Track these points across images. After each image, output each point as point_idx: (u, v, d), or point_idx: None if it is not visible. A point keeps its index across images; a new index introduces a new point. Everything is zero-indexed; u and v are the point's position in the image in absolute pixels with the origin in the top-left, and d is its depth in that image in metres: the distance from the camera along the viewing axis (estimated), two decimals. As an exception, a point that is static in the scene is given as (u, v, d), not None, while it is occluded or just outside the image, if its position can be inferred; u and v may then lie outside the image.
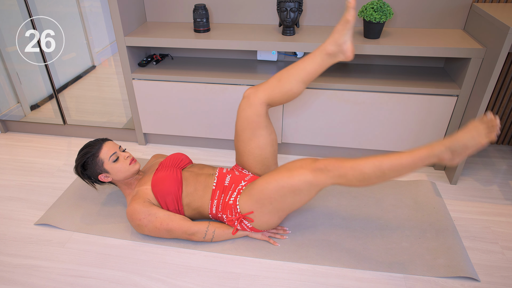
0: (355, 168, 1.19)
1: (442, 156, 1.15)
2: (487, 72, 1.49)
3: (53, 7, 1.80)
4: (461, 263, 1.33)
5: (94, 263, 1.37)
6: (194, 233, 1.40)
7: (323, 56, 1.32)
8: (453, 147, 1.14)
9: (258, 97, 1.37)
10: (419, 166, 1.17)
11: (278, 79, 1.36)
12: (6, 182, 1.81)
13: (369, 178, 1.19)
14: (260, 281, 1.30)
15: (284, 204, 1.31)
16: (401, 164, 1.16)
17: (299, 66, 1.35)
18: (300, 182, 1.24)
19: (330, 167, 1.21)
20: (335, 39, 1.28)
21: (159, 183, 1.42)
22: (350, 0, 1.21)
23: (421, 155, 1.15)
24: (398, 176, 1.19)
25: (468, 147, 1.13)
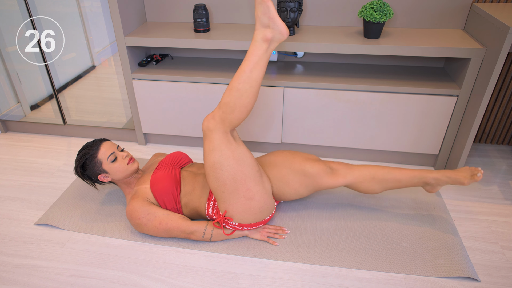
0: None
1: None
2: (487, 72, 1.49)
3: (53, 7, 1.80)
4: (461, 263, 1.33)
5: (94, 263, 1.37)
6: (192, 232, 1.40)
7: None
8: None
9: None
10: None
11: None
12: (6, 182, 1.81)
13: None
14: (260, 281, 1.30)
15: (225, 179, 1.28)
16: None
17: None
18: (210, 143, 1.26)
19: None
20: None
21: (158, 182, 1.42)
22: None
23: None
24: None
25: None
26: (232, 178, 1.28)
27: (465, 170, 1.41)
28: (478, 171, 1.36)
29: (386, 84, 1.69)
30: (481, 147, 2.03)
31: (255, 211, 1.36)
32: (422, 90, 1.66)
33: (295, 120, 1.82)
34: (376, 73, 1.80)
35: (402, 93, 1.67)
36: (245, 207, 1.34)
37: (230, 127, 1.27)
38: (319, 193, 1.69)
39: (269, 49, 1.23)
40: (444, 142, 1.77)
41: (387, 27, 1.81)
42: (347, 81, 1.72)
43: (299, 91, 1.73)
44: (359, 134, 1.81)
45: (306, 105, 1.76)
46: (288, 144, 1.96)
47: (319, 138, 1.86)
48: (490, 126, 1.97)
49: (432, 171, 1.44)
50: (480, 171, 1.36)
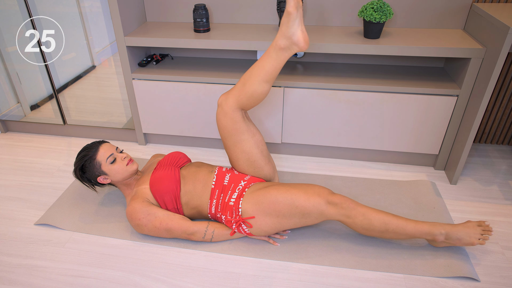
0: (365, 216, 1.30)
1: (437, 237, 1.31)
2: (487, 72, 1.49)
3: (53, 7, 1.80)
4: (461, 263, 1.33)
5: (94, 263, 1.37)
6: (193, 233, 1.40)
7: (277, 51, 1.28)
8: (449, 235, 1.30)
9: (229, 104, 1.36)
10: (416, 237, 1.32)
11: (243, 83, 1.34)
12: (6, 182, 1.81)
13: (373, 230, 1.31)
14: (260, 281, 1.30)
15: (289, 221, 1.33)
16: (404, 230, 1.30)
17: (258, 66, 1.32)
18: (313, 208, 1.29)
19: (345, 206, 1.29)
20: (283, 33, 1.25)
21: (157, 182, 1.42)
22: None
23: (423, 230, 1.30)
24: (395, 238, 1.35)
25: (460, 241, 1.30)
26: (294, 223, 1.34)
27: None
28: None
29: (386, 84, 1.69)
30: (481, 147, 2.03)
31: (268, 235, 1.42)
32: (422, 90, 1.66)
33: (295, 120, 1.82)
34: (376, 73, 1.80)
35: (402, 93, 1.67)
36: (268, 232, 1.38)
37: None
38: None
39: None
40: (444, 142, 1.77)
41: (387, 27, 1.81)
42: (347, 81, 1.72)
43: (299, 91, 1.73)
44: (359, 134, 1.81)
45: (306, 105, 1.76)
46: (288, 144, 1.96)
47: (319, 138, 1.86)
48: (490, 126, 1.97)
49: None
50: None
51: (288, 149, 1.98)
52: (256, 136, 1.44)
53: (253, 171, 1.48)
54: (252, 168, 1.47)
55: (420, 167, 1.88)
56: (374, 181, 1.77)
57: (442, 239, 1.31)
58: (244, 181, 1.45)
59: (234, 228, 1.39)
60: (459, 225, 1.32)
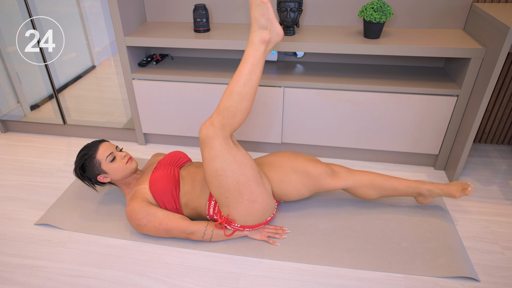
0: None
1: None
2: (487, 72, 1.49)
3: (53, 7, 1.80)
4: (461, 263, 1.33)
5: (94, 263, 1.37)
6: (192, 233, 1.40)
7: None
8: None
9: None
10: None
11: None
12: (6, 182, 1.81)
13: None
14: (260, 281, 1.30)
15: (229, 185, 1.28)
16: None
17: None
18: (211, 150, 1.25)
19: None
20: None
21: (156, 182, 1.42)
22: None
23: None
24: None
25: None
26: (236, 183, 1.28)
27: (456, 184, 1.50)
28: (468, 185, 1.47)
29: (386, 84, 1.69)
30: (481, 147, 2.03)
31: (258, 213, 1.36)
32: (422, 90, 1.66)
33: (295, 120, 1.82)
34: (376, 73, 1.80)
35: (402, 93, 1.67)
36: (249, 210, 1.34)
37: (230, 131, 1.27)
38: (319, 193, 1.69)
39: (266, 50, 1.23)
40: (444, 142, 1.77)
41: (387, 27, 1.81)
42: (347, 81, 1.72)
43: (299, 91, 1.73)
44: (359, 134, 1.81)
45: (306, 105, 1.76)
46: (288, 144, 1.96)
47: (319, 138, 1.86)
48: (490, 126, 1.97)
49: (426, 182, 1.51)
50: (470, 185, 1.47)
51: (288, 149, 1.98)
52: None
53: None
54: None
55: (420, 167, 1.88)
56: (374, 181, 1.77)
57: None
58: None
59: (225, 228, 1.40)
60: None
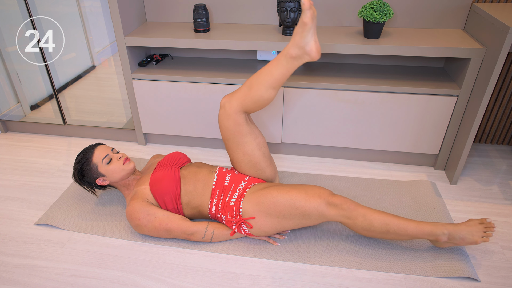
0: (366, 218, 1.29)
1: (440, 238, 1.30)
2: (487, 72, 1.49)
3: (53, 7, 1.80)
4: (461, 263, 1.33)
5: (94, 263, 1.37)
6: (193, 233, 1.40)
7: (288, 59, 1.28)
8: (452, 235, 1.29)
9: (233, 106, 1.35)
10: (418, 238, 1.31)
11: (249, 87, 1.33)
12: (6, 182, 1.81)
13: (374, 231, 1.30)
14: (260, 281, 1.30)
15: (289, 222, 1.33)
16: (405, 231, 1.29)
17: (266, 71, 1.32)
18: (313, 209, 1.29)
19: (345, 207, 1.29)
20: (296, 42, 1.25)
21: (157, 182, 1.42)
22: (304, 1, 1.18)
23: (425, 230, 1.29)
24: (396, 239, 1.36)
25: (463, 240, 1.29)
26: (294, 224, 1.34)
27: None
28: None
29: (386, 84, 1.69)
30: (481, 147, 2.03)
31: (268, 235, 1.42)
32: (422, 90, 1.66)
33: (295, 120, 1.82)
34: (376, 73, 1.80)
35: (402, 93, 1.67)
36: (269, 232, 1.38)
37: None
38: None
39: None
40: (444, 142, 1.77)
41: (387, 27, 1.81)
42: (347, 81, 1.72)
43: (299, 91, 1.73)
44: (359, 134, 1.81)
45: (306, 105, 1.76)
46: (288, 144, 1.96)
47: (319, 138, 1.86)
48: (490, 126, 1.97)
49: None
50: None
51: (288, 149, 1.98)
52: (258, 138, 1.43)
53: (255, 173, 1.48)
54: (254, 170, 1.47)
55: (420, 167, 1.88)
56: (374, 181, 1.77)
57: (445, 239, 1.30)
58: (245, 181, 1.45)
59: (234, 228, 1.39)
60: (462, 224, 1.30)
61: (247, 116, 1.40)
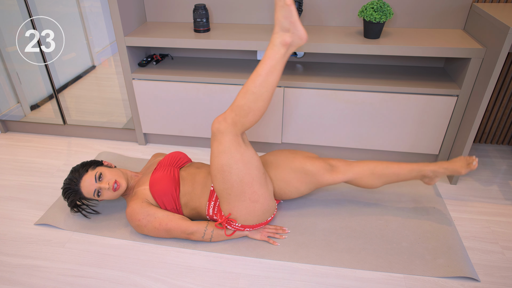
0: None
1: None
2: (487, 72, 1.49)
3: (53, 7, 1.80)
4: (461, 263, 1.33)
5: (94, 263, 1.37)
6: (192, 233, 1.40)
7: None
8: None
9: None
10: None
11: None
12: (6, 182, 1.81)
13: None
14: (260, 281, 1.30)
15: (233, 182, 1.28)
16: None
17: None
18: (219, 145, 1.26)
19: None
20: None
21: (156, 183, 1.42)
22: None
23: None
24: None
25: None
26: (240, 181, 1.29)
27: (460, 159, 1.45)
28: (473, 159, 1.40)
29: (386, 84, 1.69)
30: (481, 147, 2.03)
31: (259, 213, 1.37)
32: (422, 90, 1.66)
33: (295, 120, 1.82)
34: (376, 73, 1.80)
35: (402, 93, 1.67)
36: (250, 209, 1.34)
37: (242, 130, 1.27)
38: (319, 192, 1.69)
39: (287, 53, 1.23)
40: (444, 142, 1.77)
41: (387, 27, 1.81)
42: (347, 81, 1.72)
43: (299, 91, 1.73)
44: (359, 134, 1.81)
45: (306, 105, 1.76)
46: (288, 144, 1.96)
47: (319, 138, 1.86)
48: (490, 126, 1.97)
49: (429, 163, 1.46)
50: (475, 159, 1.40)
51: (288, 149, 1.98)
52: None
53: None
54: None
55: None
56: (374, 181, 1.77)
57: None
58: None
59: (225, 227, 1.40)
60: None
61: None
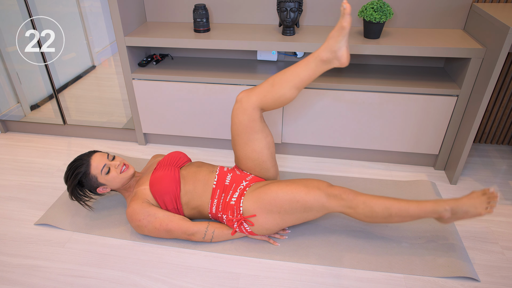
0: (366, 204, 1.28)
1: (443, 214, 1.26)
2: (487, 72, 1.49)
3: (53, 7, 1.80)
4: (461, 263, 1.33)
5: (94, 263, 1.37)
6: (193, 233, 1.40)
7: (317, 62, 1.29)
8: (455, 210, 1.25)
9: (251, 102, 1.35)
10: (421, 217, 1.28)
11: (271, 84, 1.34)
12: (6, 182, 1.81)
13: (376, 216, 1.28)
14: (260, 281, 1.30)
15: (291, 217, 1.33)
16: (407, 212, 1.27)
17: (293, 71, 1.32)
18: (314, 201, 1.29)
19: (344, 197, 1.28)
20: (330, 46, 1.26)
21: (157, 182, 1.42)
22: (346, 6, 1.19)
23: (427, 209, 1.26)
24: (400, 221, 1.30)
25: (467, 214, 1.24)
26: (296, 219, 1.35)
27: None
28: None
29: (386, 84, 1.69)
30: (481, 147, 2.03)
31: (270, 233, 1.41)
32: (422, 90, 1.66)
33: (295, 120, 1.82)
34: (376, 73, 1.80)
35: (402, 93, 1.67)
36: (271, 229, 1.38)
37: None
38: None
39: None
40: (444, 142, 1.77)
41: (387, 27, 1.81)
42: (347, 81, 1.72)
43: (299, 91, 1.73)
44: (359, 134, 1.81)
45: (306, 105, 1.76)
46: (288, 144, 1.96)
47: (319, 138, 1.86)
48: (490, 126, 1.97)
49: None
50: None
51: (288, 149, 1.98)
52: (268, 137, 1.43)
53: (259, 171, 1.48)
54: (258, 168, 1.47)
55: (420, 167, 1.88)
56: (374, 181, 1.77)
57: (448, 215, 1.26)
58: (246, 181, 1.45)
59: (235, 227, 1.39)
60: (463, 197, 1.26)
61: (261, 114, 1.40)
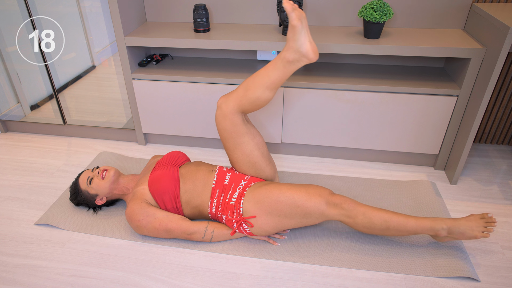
0: (366, 215, 1.29)
1: (440, 233, 1.30)
2: (487, 72, 1.49)
3: (53, 7, 1.80)
4: (461, 263, 1.33)
5: (94, 263, 1.37)
6: (193, 233, 1.40)
7: (284, 63, 1.28)
8: (452, 230, 1.28)
9: (230, 107, 1.34)
10: (418, 233, 1.31)
11: (245, 88, 1.33)
12: (6, 182, 1.81)
13: (374, 228, 1.31)
14: (260, 281, 1.30)
15: (290, 221, 1.33)
16: (405, 227, 1.29)
17: (263, 73, 1.31)
18: (314, 208, 1.29)
19: (345, 206, 1.30)
20: (291, 47, 1.25)
21: (156, 181, 1.42)
22: (286, 5, 1.18)
23: (424, 226, 1.29)
24: (397, 235, 1.33)
25: (463, 235, 1.28)
26: (295, 223, 1.35)
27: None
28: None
29: (386, 84, 1.69)
30: (481, 147, 2.03)
31: (269, 235, 1.42)
32: (422, 90, 1.66)
33: (295, 120, 1.82)
34: (376, 73, 1.80)
35: (402, 93, 1.67)
36: (269, 231, 1.39)
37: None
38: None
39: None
40: (444, 142, 1.77)
41: (387, 27, 1.81)
42: (347, 81, 1.72)
43: (299, 91, 1.73)
44: (359, 134, 1.81)
45: (306, 105, 1.76)
46: (288, 144, 1.96)
47: (319, 138, 1.86)
48: (490, 126, 1.97)
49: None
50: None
51: (288, 149, 1.98)
52: (256, 138, 1.43)
53: (255, 172, 1.48)
54: (253, 169, 1.47)
55: (420, 167, 1.88)
56: (374, 181, 1.77)
57: (444, 234, 1.30)
58: (245, 180, 1.45)
59: (235, 227, 1.39)
60: (462, 219, 1.30)
61: (244, 117, 1.40)
